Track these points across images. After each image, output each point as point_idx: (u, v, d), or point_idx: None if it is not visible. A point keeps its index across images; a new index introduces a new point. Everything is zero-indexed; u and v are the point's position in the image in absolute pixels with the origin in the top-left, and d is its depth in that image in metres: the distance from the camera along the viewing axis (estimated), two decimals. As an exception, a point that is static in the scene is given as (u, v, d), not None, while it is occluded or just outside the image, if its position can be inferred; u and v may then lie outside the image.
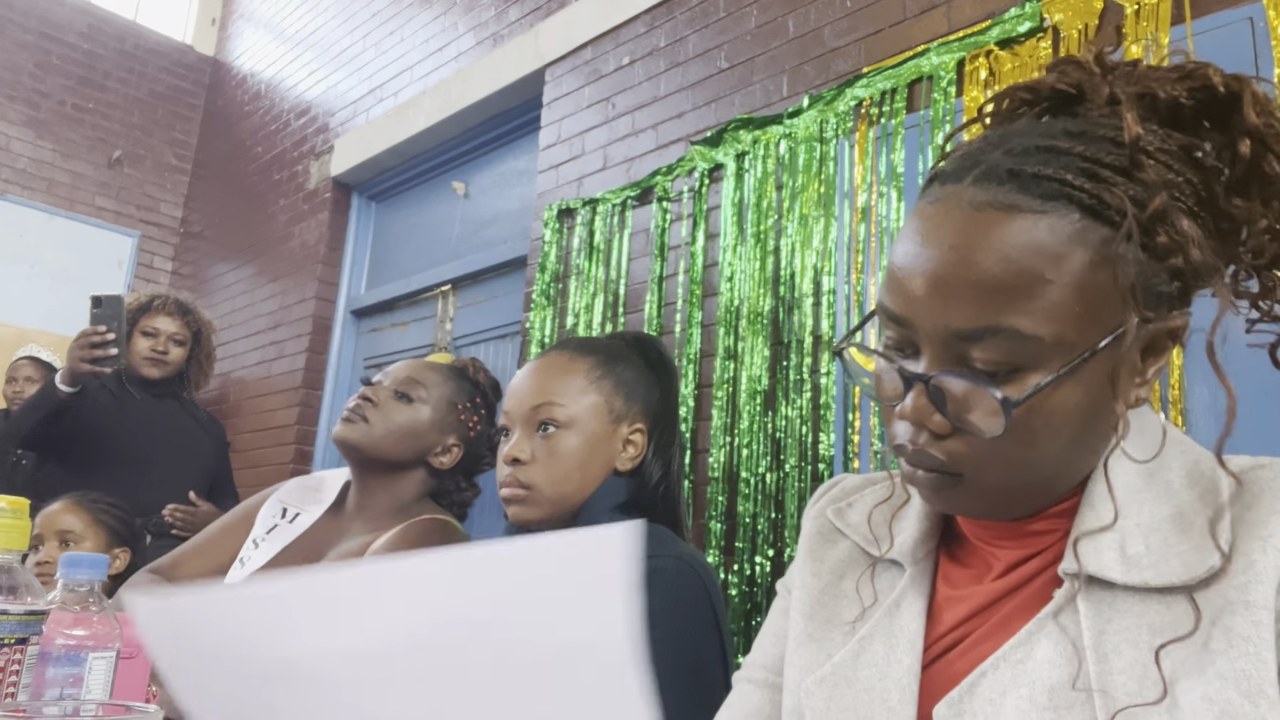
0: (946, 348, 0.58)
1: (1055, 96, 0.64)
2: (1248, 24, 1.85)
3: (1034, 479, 0.61)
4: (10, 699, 0.77)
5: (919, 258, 0.59)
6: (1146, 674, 0.54)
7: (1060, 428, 0.58)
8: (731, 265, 2.68)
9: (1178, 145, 0.59)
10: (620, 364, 1.21)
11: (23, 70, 5.52)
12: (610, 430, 1.16)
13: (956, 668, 0.63)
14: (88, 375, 2.51)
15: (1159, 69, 0.61)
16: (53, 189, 5.53)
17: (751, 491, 2.46)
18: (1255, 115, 0.58)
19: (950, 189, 0.59)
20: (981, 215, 0.57)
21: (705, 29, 2.98)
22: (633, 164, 3.09)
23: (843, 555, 0.75)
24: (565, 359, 1.19)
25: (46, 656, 0.81)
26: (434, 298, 4.16)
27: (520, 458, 1.12)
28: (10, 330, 5.01)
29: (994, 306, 0.56)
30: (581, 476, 1.13)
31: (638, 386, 1.21)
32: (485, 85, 3.83)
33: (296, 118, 5.14)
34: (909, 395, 0.60)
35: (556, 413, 1.14)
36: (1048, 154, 0.58)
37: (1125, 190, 0.56)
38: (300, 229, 4.79)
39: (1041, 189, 0.56)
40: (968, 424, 0.58)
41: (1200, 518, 0.58)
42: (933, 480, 0.62)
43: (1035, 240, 0.56)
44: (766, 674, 0.78)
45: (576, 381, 1.16)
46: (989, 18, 2.26)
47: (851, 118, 2.49)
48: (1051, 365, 0.57)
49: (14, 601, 0.78)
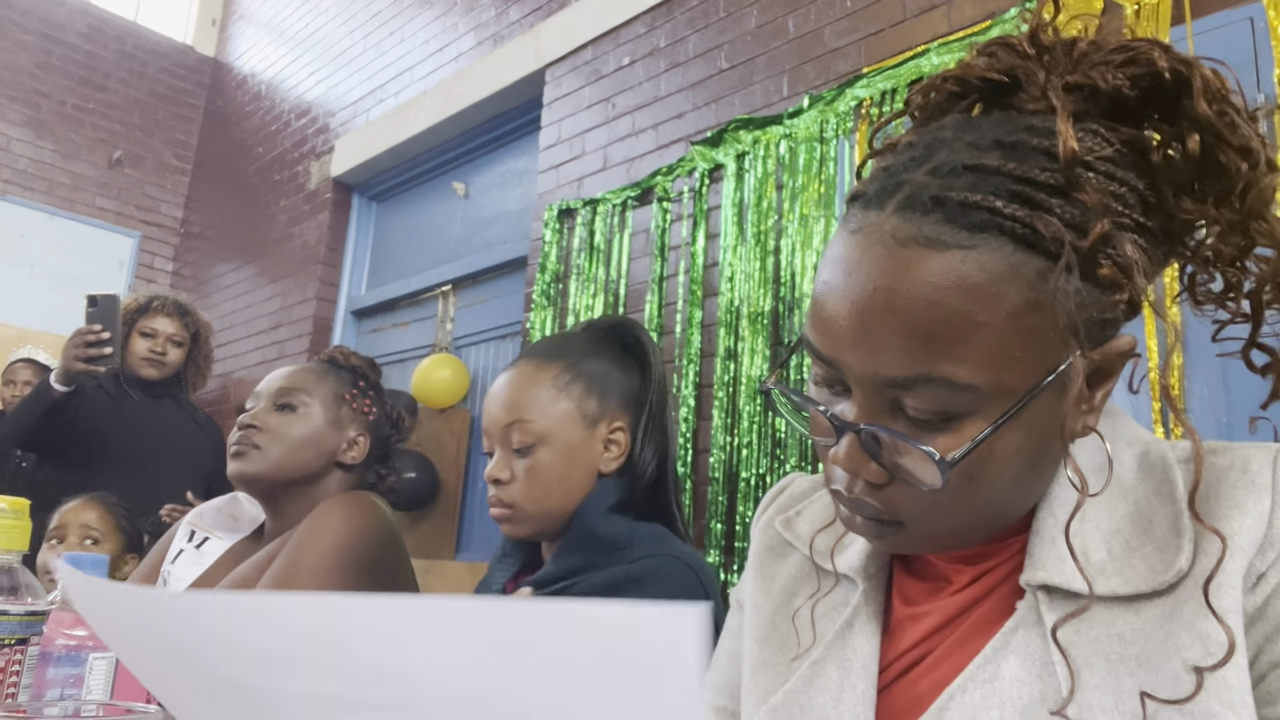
0: (877, 394, 0.54)
1: (986, 86, 0.58)
2: (1248, 24, 1.85)
3: (978, 521, 0.57)
4: (11, 699, 0.77)
5: (842, 297, 0.54)
6: (1121, 688, 0.51)
7: (1002, 473, 0.54)
8: (732, 265, 2.68)
9: (1120, 141, 0.54)
10: (590, 360, 1.16)
11: (23, 71, 5.52)
12: (587, 435, 1.13)
13: (918, 688, 0.60)
14: (82, 374, 2.51)
15: (1100, 49, 0.55)
16: (53, 189, 5.53)
17: (751, 491, 2.46)
18: (1206, 104, 0.52)
19: (872, 217, 0.54)
20: (905, 252, 0.51)
21: (705, 29, 2.98)
22: (633, 164, 3.09)
23: (793, 571, 0.71)
24: (532, 369, 1.14)
25: (47, 657, 0.81)
26: (434, 298, 4.16)
27: (500, 478, 1.10)
28: (11, 331, 5.01)
29: (924, 355, 0.51)
30: (564, 489, 1.10)
31: (612, 380, 1.16)
32: (485, 85, 3.83)
33: (297, 118, 5.14)
34: (842, 442, 0.56)
35: (528, 430, 1.10)
36: (975, 175, 0.52)
37: (1062, 214, 0.51)
38: (301, 229, 4.79)
39: (969, 219, 0.51)
40: (904, 474, 0.54)
41: (1159, 515, 0.55)
42: (872, 527, 0.58)
43: (964, 279, 0.50)
44: (724, 700, 0.74)
45: (544, 392, 1.12)
46: (989, 18, 2.26)
47: (851, 118, 2.49)
48: (990, 412, 0.52)
49: (14, 602, 0.78)
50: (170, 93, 6.11)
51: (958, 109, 0.60)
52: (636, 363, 1.20)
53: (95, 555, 0.88)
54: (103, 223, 5.69)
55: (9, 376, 3.50)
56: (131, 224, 5.80)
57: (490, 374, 3.79)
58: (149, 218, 5.89)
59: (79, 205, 5.61)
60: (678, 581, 1.03)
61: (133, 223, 5.81)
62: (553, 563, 1.08)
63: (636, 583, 1.02)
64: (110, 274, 5.64)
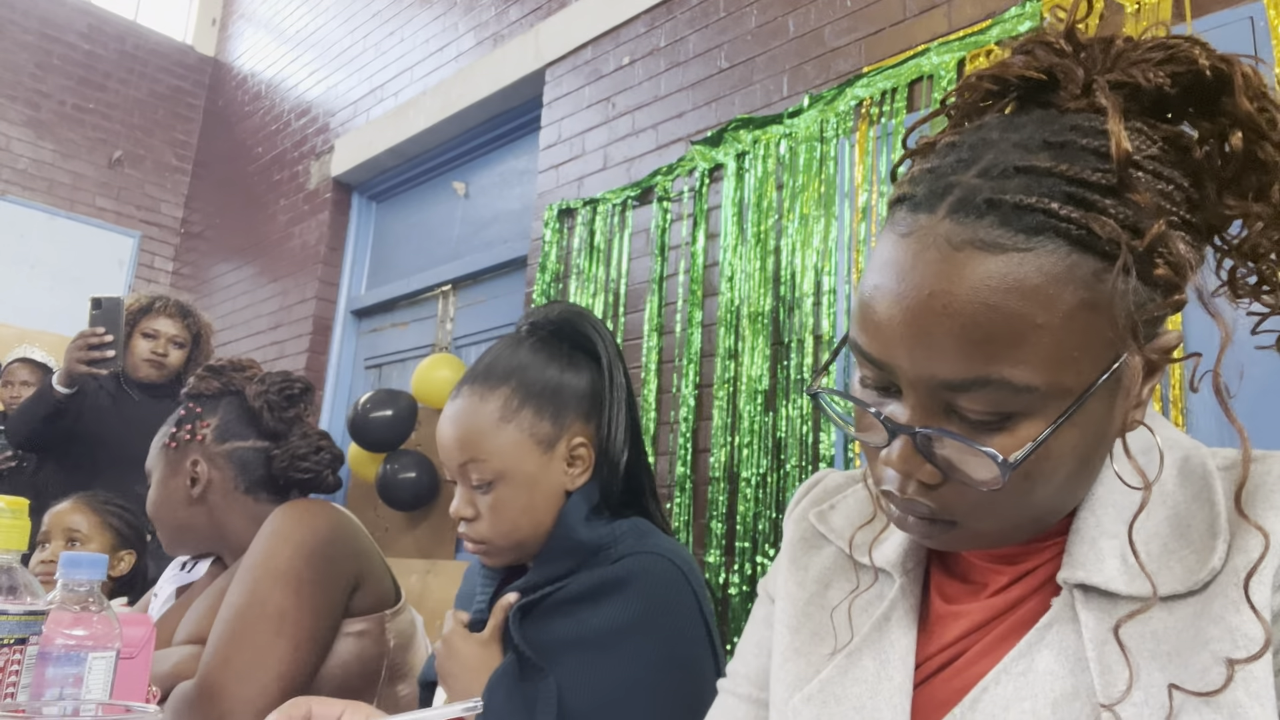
0: (932, 396, 0.54)
1: (1024, 84, 0.58)
2: (1248, 23, 1.85)
3: (1029, 518, 0.58)
4: (10, 699, 0.77)
5: (896, 301, 0.54)
6: (1152, 682, 0.52)
7: (1056, 472, 0.55)
8: (732, 265, 2.68)
9: (1163, 138, 0.54)
10: (533, 374, 1.09)
11: (23, 70, 5.52)
12: (545, 460, 1.07)
13: (954, 684, 0.61)
14: (84, 377, 2.51)
15: (1138, 47, 0.56)
16: (53, 189, 5.53)
17: (752, 491, 2.46)
18: (1247, 101, 0.53)
19: (923, 220, 0.54)
20: (961, 255, 0.51)
21: (705, 29, 2.98)
22: (633, 164, 3.09)
23: (827, 562, 0.72)
24: (475, 401, 1.07)
25: (46, 656, 0.81)
26: (434, 298, 4.16)
27: (465, 516, 1.07)
28: (11, 331, 5.01)
29: (982, 357, 0.51)
30: (531, 519, 1.07)
31: (563, 392, 1.09)
32: (485, 85, 3.83)
33: (297, 118, 5.14)
34: (895, 444, 0.56)
35: (483, 469, 1.05)
36: (1028, 177, 0.52)
37: (1117, 214, 0.51)
38: (300, 229, 4.79)
39: (1025, 222, 0.51)
40: (961, 475, 0.55)
41: (1197, 519, 0.56)
42: (924, 526, 0.59)
43: (1022, 282, 0.50)
44: (751, 688, 0.75)
45: (490, 426, 1.06)
46: (989, 17, 2.26)
47: (852, 117, 2.49)
48: (1048, 412, 0.52)
49: (14, 601, 0.78)
50: (170, 92, 6.11)
51: (995, 108, 0.60)
52: (586, 360, 1.13)
53: (95, 555, 0.88)
54: (103, 223, 5.69)
55: (7, 376, 3.51)
56: (131, 224, 5.80)
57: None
58: (149, 217, 5.89)
59: (79, 205, 5.61)
60: (661, 579, 1.02)
61: (133, 223, 5.81)
62: (535, 570, 1.07)
63: (620, 583, 1.01)
64: (110, 274, 5.65)
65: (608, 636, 0.99)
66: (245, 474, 1.39)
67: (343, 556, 1.26)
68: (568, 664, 0.98)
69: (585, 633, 0.99)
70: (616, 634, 0.99)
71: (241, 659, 1.15)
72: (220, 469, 1.38)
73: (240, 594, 1.20)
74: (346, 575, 1.26)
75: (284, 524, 1.25)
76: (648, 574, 1.02)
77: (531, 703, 0.96)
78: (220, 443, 1.40)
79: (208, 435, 1.40)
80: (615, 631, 0.99)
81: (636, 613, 0.99)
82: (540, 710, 0.95)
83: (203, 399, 1.43)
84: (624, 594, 1.00)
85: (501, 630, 1.04)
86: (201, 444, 1.39)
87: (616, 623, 0.99)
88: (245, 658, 1.15)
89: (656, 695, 0.97)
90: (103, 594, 0.88)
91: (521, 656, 1.00)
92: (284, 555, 1.22)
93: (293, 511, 1.27)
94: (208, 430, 1.40)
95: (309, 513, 1.27)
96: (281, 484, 1.42)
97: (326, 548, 1.24)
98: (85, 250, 5.58)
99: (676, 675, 0.99)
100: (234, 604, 1.19)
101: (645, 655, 0.99)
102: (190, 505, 1.38)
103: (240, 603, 1.19)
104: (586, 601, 1.01)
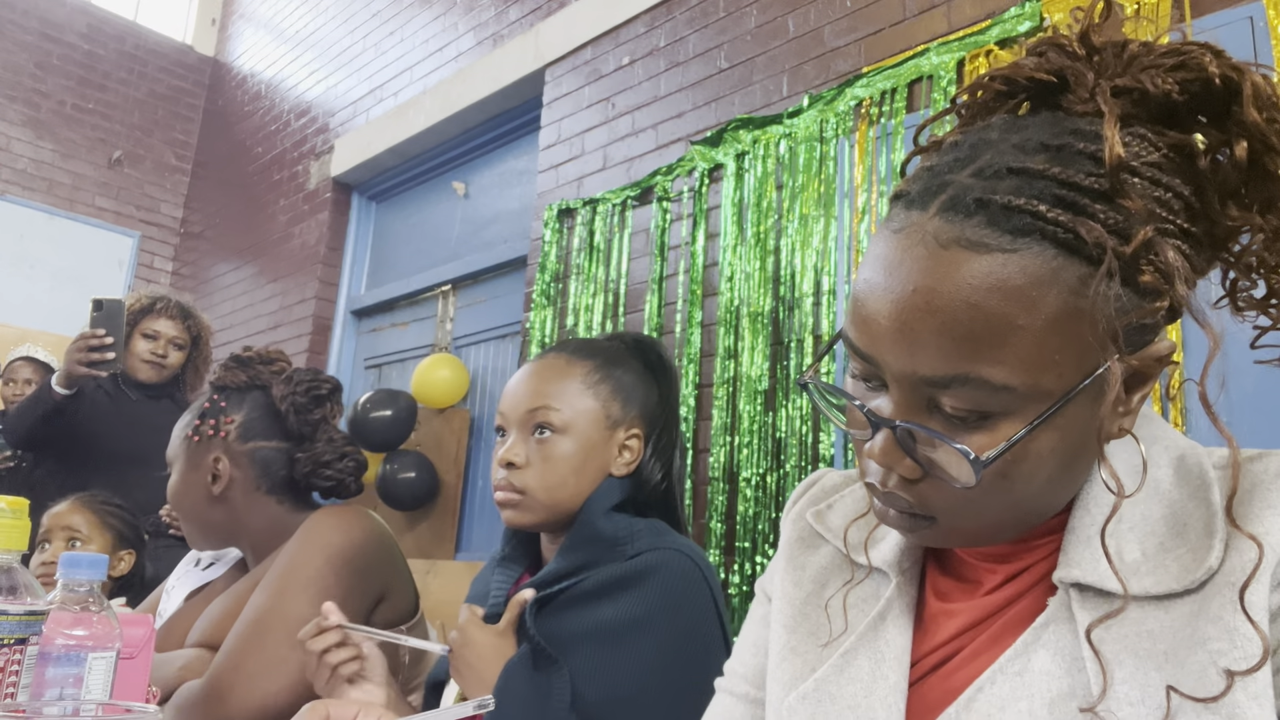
0: (914, 391, 0.55)
1: (1035, 86, 0.58)
2: (1248, 23, 1.85)
3: (1010, 518, 0.58)
4: (10, 699, 0.77)
5: (883, 296, 0.55)
6: (1148, 682, 0.52)
7: (1035, 473, 0.55)
8: (731, 265, 2.68)
9: (1168, 146, 0.54)
10: (618, 368, 1.19)
11: (23, 70, 5.52)
12: (606, 435, 1.14)
13: (950, 683, 0.60)
14: (84, 378, 2.51)
15: (1151, 52, 0.55)
16: (53, 189, 5.53)
17: (751, 491, 2.46)
18: (1256, 111, 0.52)
19: (914, 217, 0.54)
20: (947, 254, 0.52)
21: (705, 29, 2.98)
22: (633, 164, 3.09)
23: (824, 562, 0.72)
24: (563, 362, 1.16)
25: (46, 656, 0.81)
26: (434, 298, 4.16)
27: (515, 461, 1.11)
28: (11, 330, 5.01)
29: (961, 355, 0.52)
30: (576, 482, 1.11)
31: (636, 390, 1.18)
32: (485, 85, 3.83)
33: (296, 118, 5.14)
34: (877, 438, 0.57)
35: (552, 417, 1.12)
36: (1019, 178, 0.52)
37: (1106, 219, 0.51)
38: (300, 229, 4.79)
39: (1012, 223, 0.51)
40: (940, 471, 0.55)
41: (1194, 518, 0.56)
42: (905, 520, 0.59)
43: (1005, 282, 0.51)
44: (748, 687, 0.75)
45: (573, 385, 1.14)
46: (989, 17, 2.26)
47: (851, 117, 2.49)
48: (1026, 413, 0.53)
49: (14, 601, 0.78)
50: (170, 92, 6.11)
51: (1005, 108, 0.60)
52: (656, 381, 1.22)
53: (95, 555, 0.88)
54: (102, 223, 5.69)
55: (8, 375, 3.51)
56: (131, 224, 5.80)
57: (490, 374, 3.80)
58: (149, 217, 5.89)
59: (79, 205, 5.61)
60: (679, 575, 1.03)
61: (132, 223, 5.81)
62: (556, 561, 1.09)
63: (637, 578, 1.02)
64: (110, 274, 5.64)
65: (623, 629, 1.00)
66: (267, 475, 1.37)
67: (372, 569, 1.26)
68: (582, 656, 0.99)
69: (601, 625, 1.01)
70: (632, 627, 1.00)
71: (255, 663, 1.14)
72: (242, 468, 1.37)
73: (265, 598, 1.20)
74: (374, 588, 1.26)
75: (320, 531, 1.25)
76: (665, 569, 1.03)
77: (546, 692, 0.97)
78: (244, 441, 1.38)
79: (231, 432, 1.38)
80: (631, 625, 1.00)
81: (652, 607, 1.01)
82: (554, 700, 0.96)
83: (228, 392, 1.41)
84: (641, 588, 1.02)
85: (516, 624, 1.05)
86: (224, 441, 1.38)
87: (632, 616, 1.00)
88: (258, 662, 1.14)
89: (670, 689, 0.98)
90: (103, 594, 0.88)
91: (536, 648, 1.00)
92: (315, 564, 1.21)
93: (329, 519, 1.27)
94: (231, 427, 1.38)
95: (345, 521, 1.27)
96: (303, 487, 1.40)
97: (358, 560, 1.24)
98: (85, 250, 5.58)
99: (690, 670, 1.00)
100: (257, 606, 1.19)
101: (660, 649, 0.99)
102: (211, 502, 1.36)
103: (263, 606, 1.18)
104: (603, 595, 1.03)
